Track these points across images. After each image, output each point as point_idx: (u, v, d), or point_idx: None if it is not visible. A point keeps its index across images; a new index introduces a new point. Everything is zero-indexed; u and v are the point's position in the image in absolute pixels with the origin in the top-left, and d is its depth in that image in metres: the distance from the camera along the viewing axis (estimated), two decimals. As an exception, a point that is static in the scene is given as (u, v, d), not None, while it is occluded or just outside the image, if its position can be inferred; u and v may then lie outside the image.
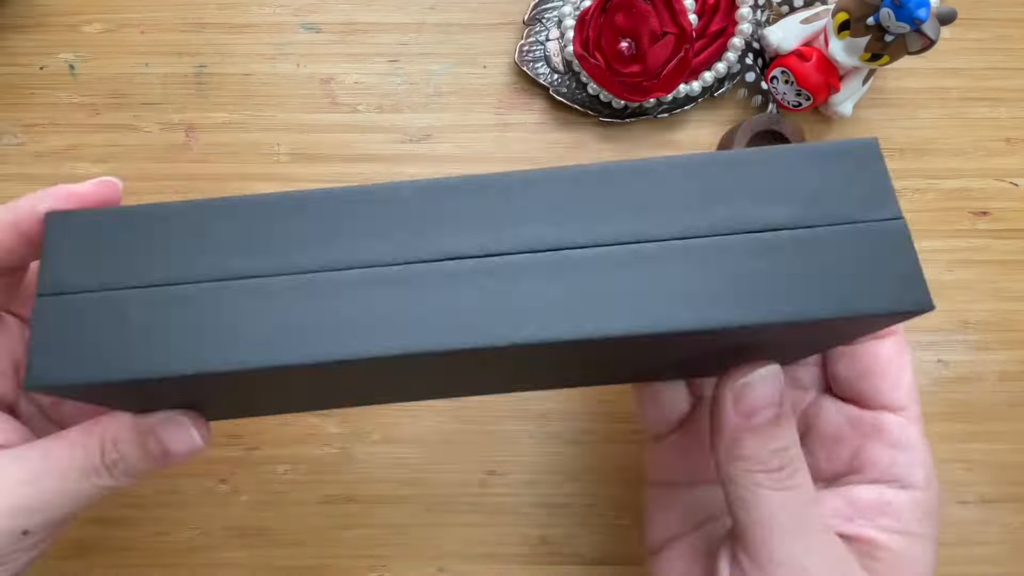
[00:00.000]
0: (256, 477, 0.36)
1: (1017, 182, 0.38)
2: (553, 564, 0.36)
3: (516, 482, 0.37)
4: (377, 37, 0.37)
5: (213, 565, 0.36)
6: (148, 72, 0.37)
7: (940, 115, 0.38)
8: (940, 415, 0.37)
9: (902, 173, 0.37)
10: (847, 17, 0.32)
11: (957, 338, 0.37)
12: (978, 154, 0.37)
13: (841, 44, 0.33)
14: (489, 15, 0.37)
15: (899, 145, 0.37)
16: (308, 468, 0.36)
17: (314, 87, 0.37)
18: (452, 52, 0.37)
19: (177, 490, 0.36)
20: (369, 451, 0.37)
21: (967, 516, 0.37)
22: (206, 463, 0.36)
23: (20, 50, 0.37)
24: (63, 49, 0.37)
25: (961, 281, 0.37)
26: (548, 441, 0.37)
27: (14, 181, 0.36)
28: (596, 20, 0.35)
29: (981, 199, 0.37)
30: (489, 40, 0.37)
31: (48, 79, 0.37)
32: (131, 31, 0.37)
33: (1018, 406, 0.37)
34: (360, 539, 0.36)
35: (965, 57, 0.38)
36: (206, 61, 0.37)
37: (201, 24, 0.37)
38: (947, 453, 0.37)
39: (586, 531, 0.37)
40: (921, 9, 0.30)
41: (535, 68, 0.36)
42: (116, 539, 0.36)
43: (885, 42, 0.32)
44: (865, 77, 0.35)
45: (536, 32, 0.37)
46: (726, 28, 0.36)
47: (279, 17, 0.37)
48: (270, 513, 0.36)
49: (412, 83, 0.37)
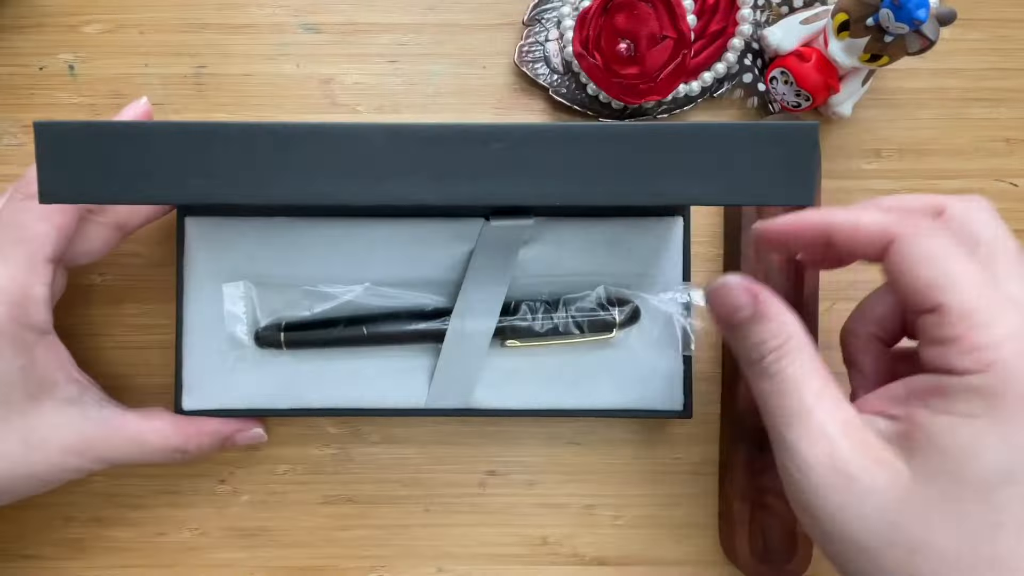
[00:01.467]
0: (256, 477, 0.36)
1: (1017, 182, 0.38)
2: (553, 564, 0.36)
3: (516, 482, 0.37)
4: (377, 37, 0.37)
5: (213, 565, 0.36)
6: (148, 72, 0.37)
7: (940, 115, 0.38)
8: (939, 415, 0.37)
9: (902, 173, 0.37)
10: (846, 18, 0.32)
11: (956, 338, 0.37)
12: (978, 154, 0.37)
13: (840, 45, 0.33)
14: (488, 15, 0.37)
15: (899, 145, 0.37)
16: (308, 468, 0.36)
17: (314, 87, 0.37)
18: (452, 53, 0.37)
19: (177, 490, 0.36)
20: (369, 451, 0.37)
21: (966, 516, 0.37)
22: (206, 463, 0.36)
23: (20, 50, 0.37)
24: (63, 49, 0.37)
25: (961, 281, 0.37)
26: (548, 441, 0.37)
27: (14, 181, 0.36)
28: (596, 20, 0.35)
29: (981, 199, 0.37)
30: (489, 41, 0.37)
31: (48, 79, 0.37)
32: (131, 31, 0.37)
33: (1017, 406, 0.37)
34: (360, 539, 0.36)
35: (965, 57, 0.38)
36: (206, 61, 0.37)
37: (201, 24, 0.37)
38: (946, 453, 0.37)
39: (586, 531, 0.37)
40: (920, 10, 0.30)
41: (535, 69, 0.36)
42: (116, 539, 0.36)
43: (884, 43, 0.32)
44: (865, 78, 0.35)
45: (535, 33, 0.37)
46: (725, 28, 0.36)
47: (279, 17, 0.37)
48: (270, 513, 0.36)
49: (412, 83, 0.37)
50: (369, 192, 0.23)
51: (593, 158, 0.23)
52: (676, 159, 0.23)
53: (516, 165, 0.23)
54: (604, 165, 0.23)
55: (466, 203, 0.23)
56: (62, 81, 0.37)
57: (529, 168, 0.23)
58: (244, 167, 0.23)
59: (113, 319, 0.36)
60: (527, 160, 0.23)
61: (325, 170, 0.23)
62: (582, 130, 0.23)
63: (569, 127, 0.24)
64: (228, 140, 0.23)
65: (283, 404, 0.33)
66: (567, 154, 0.23)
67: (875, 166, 0.37)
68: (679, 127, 0.24)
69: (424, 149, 0.23)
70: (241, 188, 0.23)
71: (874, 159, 0.37)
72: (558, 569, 0.36)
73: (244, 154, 0.23)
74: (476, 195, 0.23)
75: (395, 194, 0.23)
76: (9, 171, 0.37)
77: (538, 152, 0.23)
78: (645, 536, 0.37)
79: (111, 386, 0.36)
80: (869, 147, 0.37)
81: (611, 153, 0.23)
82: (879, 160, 0.37)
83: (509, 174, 0.23)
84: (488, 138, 0.23)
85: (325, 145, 0.23)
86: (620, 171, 0.23)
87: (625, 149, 0.23)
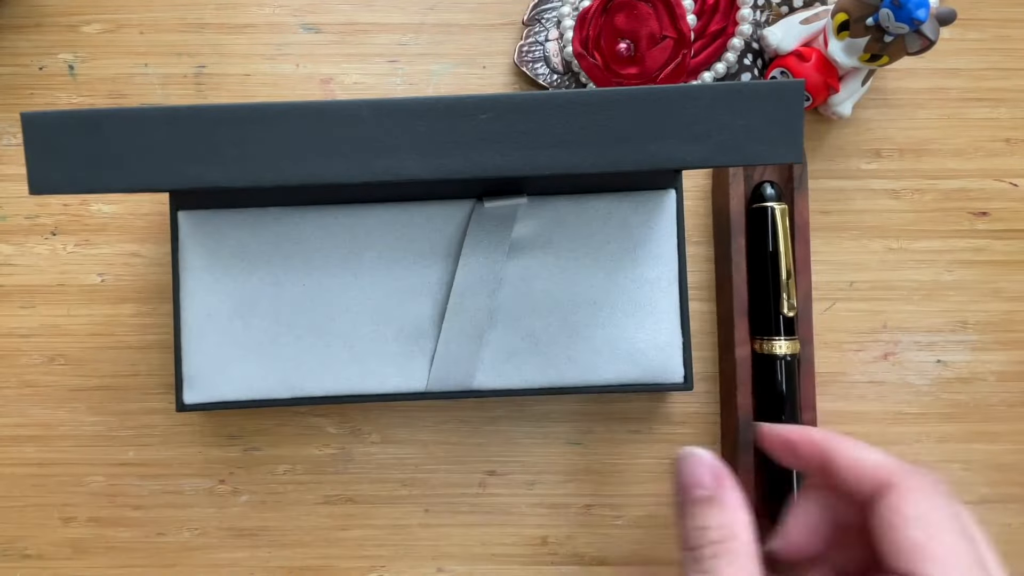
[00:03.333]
0: (256, 477, 0.36)
1: (1017, 182, 0.38)
2: (553, 564, 0.36)
3: (516, 482, 0.37)
4: (377, 37, 0.37)
5: (213, 565, 0.36)
6: (147, 72, 0.37)
7: (940, 115, 0.38)
8: (939, 415, 0.37)
9: (901, 173, 0.37)
10: (846, 18, 0.32)
11: (956, 338, 0.37)
12: (978, 154, 0.37)
13: (840, 44, 0.33)
14: (488, 15, 0.37)
15: (898, 145, 0.37)
16: (308, 468, 0.36)
17: (313, 87, 0.37)
18: (451, 52, 0.37)
19: (177, 490, 0.36)
20: (368, 451, 0.37)
21: (966, 516, 0.37)
22: (206, 463, 0.36)
23: (20, 50, 0.37)
24: (62, 49, 0.37)
25: (960, 281, 0.37)
26: (548, 441, 0.37)
27: (14, 181, 0.36)
28: (596, 19, 0.35)
29: (980, 199, 0.37)
30: (488, 40, 0.37)
31: (47, 79, 0.37)
32: (130, 31, 0.37)
33: (1017, 406, 0.37)
34: (360, 539, 0.36)
35: (965, 57, 0.38)
36: (205, 61, 0.37)
37: (200, 24, 0.37)
38: (947, 453, 0.37)
39: (586, 531, 0.37)
40: (920, 10, 0.30)
41: (534, 68, 0.36)
42: (116, 539, 0.36)
43: (884, 43, 0.32)
44: (864, 77, 0.35)
45: (535, 32, 0.37)
46: (725, 28, 0.36)
47: (278, 17, 0.37)
48: (270, 513, 0.36)
49: (411, 83, 0.37)
50: (359, 169, 0.23)
51: (581, 125, 0.23)
52: (664, 123, 0.23)
53: (504, 136, 0.23)
54: (592, 132, 0.23)
55: (456, 176, 0.23)
56: (62, 81, 0.37)
57: (517, 138, 0.23)
58: (233, 149, 0.23)
59: (113, 319, 0.36)
60: (515, 130, 0.23)
61: (314, 149, 0.23)
62: (568, 97, 0.23)
63: (554, 95, 0.23)
64: (216, 123, 0.23)
65: (283, 394, 0.33)
66: (555, 122, 0.23)
67: (875, 166, 0.37)
68: (666, 90, 0.24)
69: (411, 123, 0.23)
70: (231, 171, 0.23)
71: (874, 159, 0.37)
72: (558, 569, 0.36)
73: (233, 136, 0.23)
74: (465, 168, 0.23)
75: (385, 170, 0.23)
76: (9, 171, 0.37)
77: (526, 121, 0.23)
78: (645, 536, 0.37)
79: (111, 386, 0.36)
80: (869, 147, 0.37)
81: (599, 119, 0.23)
82: (879, 160, 0.37)
83: (498, 145, 0.23)
84: (475, 109, 0.23)
85: (312, 124, 0.23)
86: (609, 137, 0.23)
87: (612, 115, 0.23)
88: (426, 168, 0.23)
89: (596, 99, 0.23)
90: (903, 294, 0.37)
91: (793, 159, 0.24)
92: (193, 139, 0.23)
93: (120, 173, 0.23)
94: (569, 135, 0.23)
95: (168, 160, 0.23)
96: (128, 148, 0.23)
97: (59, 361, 0.36)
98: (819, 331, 0.37)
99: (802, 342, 0.34)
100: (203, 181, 0.23)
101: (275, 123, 0.23)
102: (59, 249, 0.36)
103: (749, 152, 0.24)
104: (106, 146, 0.23)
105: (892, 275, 0.37)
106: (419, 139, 0.23)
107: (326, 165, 0.23)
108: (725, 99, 0.23)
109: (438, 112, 0.23)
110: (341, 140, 0.23)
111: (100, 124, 0.23)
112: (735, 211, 0.34)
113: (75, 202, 0.36)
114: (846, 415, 0.37)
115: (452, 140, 0.23)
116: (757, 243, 0.34)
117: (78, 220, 0.36)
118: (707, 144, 0.24)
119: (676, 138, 0.23)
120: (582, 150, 0.23)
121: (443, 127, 0.23)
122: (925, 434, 0.37)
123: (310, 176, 0.23)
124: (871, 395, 0.37)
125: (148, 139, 0.23)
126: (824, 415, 0.36)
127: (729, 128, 0.23)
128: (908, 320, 0.37)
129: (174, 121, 0.23)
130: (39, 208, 0.36)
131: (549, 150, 0.23)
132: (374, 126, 0.23)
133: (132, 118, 0.23)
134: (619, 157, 0.23)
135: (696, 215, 0.37)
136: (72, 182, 0.23)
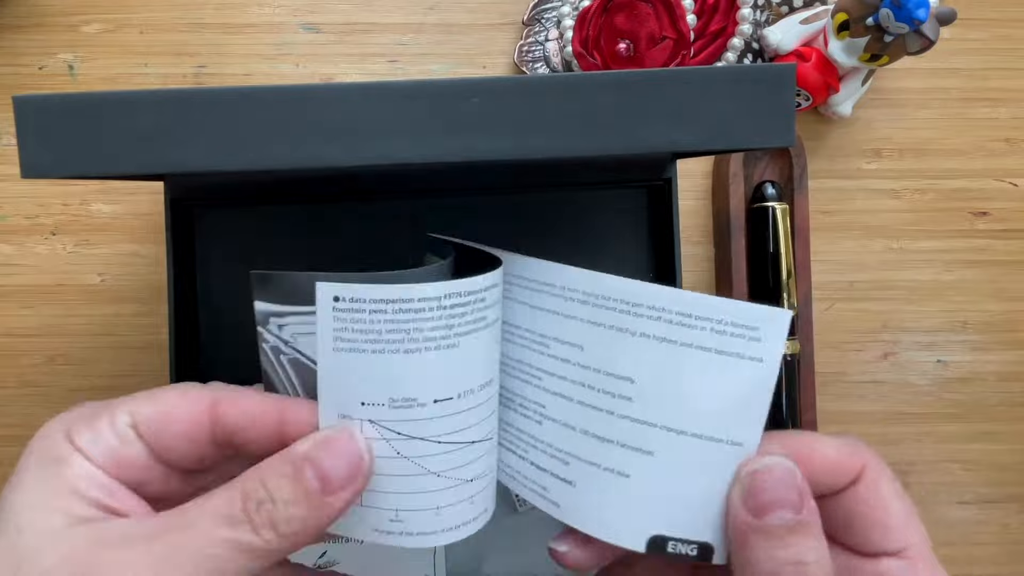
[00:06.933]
0: (256, 477, 0.36)
1: (1017, 182, 0.38)
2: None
3: (515, 482, 0.36)
4: (377, 37, 0.37)
5: (213, 565, 0.36)
6: (147, 72, 0.37)
7: (940, 115, 0.38)
8: (939, 415, 0.37)
9: (902, 173, 0.37)
10: (846, 17, 0.32)
11: (957, 338, 0.37)
12: (978, 154, 0.37)
13: (840, 44, 0.33)
14: (488, 15, 0.37)
15: (899, 145, 0.37)
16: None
17: (313, 87, 0.37)
18: (451, 52, 0.37)
19: (177, 490, 0.36)
20: (369, 451, 0.36)
21: (966, 516, 0.37)
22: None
23: (20, 50, 0.37)
24: (63, 49, 0.37)
25: (961, 281, 0.37)
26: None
27: (14, 181, 0.36)
28: (596, 19, 0.35)
29: (981, 199, 0.37)
30: (488, 40, 0.37)
31: (48, 79, 0.37)
32: (130, 31, 0.37)
33: (1017, 406, 0.37)
34: (360, 539, 0.36)
35: (965, 57, 0.38)
36: (205, 61, 0.37)
37: (200, 24, 0.37)
38: (947, 453, 0.37)
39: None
40: (920, 10, 0.30)
41: (534, 68, 0.36)
42: (116, 539, 0.36)
43: (884, 42, 0.32)
44: (864, 77, 0.35)
45: (535, 32, 0.37)
46: (725, 28, 0.36)
47: (278, 17, 0.37)
48: (270, 513, 0.36)
49: (411, 83, 0.37)
50: (350, 153, 0.23)
51: (573, 108, 0.23)
52: (656, 106, 0.23)
53: (496, 119, 0.23)
54: (585, 115, 0.23)
55: (448, 159, 0.23)
56: (62, 81, 0.37)
57: (509, 121, 0.23)
58: (224, 133, 0.23)
59: (113, 319, 0.36)
60: (507, 113, 0.23)
61: (305, 133, 0.23)
62: (561, 80, 0.23)
63: (546, 78, 0.23)
64: (206, 107, 0.23)
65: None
66: (547, 105, 0.23)
67: (875, 166, 0.37)
68: (656, 74, 0.24)
69: (402, 106, 0.23)
70: (223, 155, 0.23)
71: (874, 159, 0.37)
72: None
73: (223, 120, 0.23)
74: (457, 151, 0.23)
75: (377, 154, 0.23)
76: (9, 171, 0.37)
77: (518, 105, 0.23)
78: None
79: (111, 386, 0.36)
80: (869, 147, 0.37)
81: (591, 103, 0.23)
82: (879, 160, 0.37)
83: (489, 128, 0.23)
84: (466, 92, 0.23)
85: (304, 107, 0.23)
86: (601, 121, 0.23)
87: (605, 98, 0.23)
88: (417, 152, 0.23)
89: (587, 83, 0.23)
90: (903, 294, 0.37)
91: (785, 143, 0.24)
92: (185, 123, 0.23)
93: (112, 157, 0.23)
94: (561, 118, 0.23)
95: (160, 144, 0.23)
96: (120, 131, 0.23)
97: (59, 361, 0.36)
98: (819, 331, 0.37)
99: (802, 342, 0.34)
100: (196, 165, 0.23)
101: (267, 107, 0.23)
102: (59, 249, 0.36)
103: (740, 136, 0.23)
104: (98, 129, 0.23)
105: (892, 275, 0.37)
106: (411, 122, 0.23)
107: (317, 149, 0.23)
108: (715, 82, 0.23)
109: (429, 95, 0.23)
110: (332, 124, 0.23)
111: (92, 107, 0.23)
112: (735, 211, 0.34)
113: (75, 202, 0.36)
114: (846, 415, 0.37)
115: (444, 123, 0.23)
116: (758, 243, 0.34)
117: (78, 220, 0.36)
118: (698, 128, 0.23)
119: (666, 122, 0.23)
120: (574, 133, 0.23)
121: (434, 110, 0.23)
122: (925, 434, 0.37)
123: (301, 160, 0.23)
124: (871, 395, 0.37)
125: (141, 122, 0.23)
126: (824, 415, 0.36)
127: (720, 112, 0.23)
128: (908, 320, 0.37)
129: (166, 105, 0.23)
130: (39, 208, 0.36)
131: (540, 134, 0.23)
132: (365, 109, 0.23)
133: (125, 101, 0.23)
134: (610, 141, 0.23)
135: (696, 215, 0.37)
136: (64, 165, 0.23)
